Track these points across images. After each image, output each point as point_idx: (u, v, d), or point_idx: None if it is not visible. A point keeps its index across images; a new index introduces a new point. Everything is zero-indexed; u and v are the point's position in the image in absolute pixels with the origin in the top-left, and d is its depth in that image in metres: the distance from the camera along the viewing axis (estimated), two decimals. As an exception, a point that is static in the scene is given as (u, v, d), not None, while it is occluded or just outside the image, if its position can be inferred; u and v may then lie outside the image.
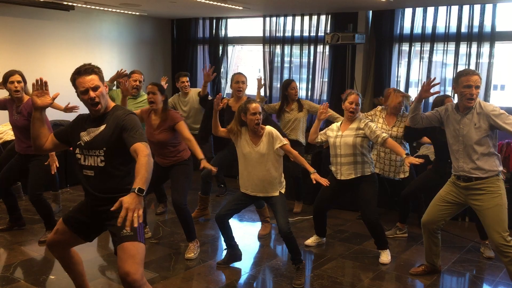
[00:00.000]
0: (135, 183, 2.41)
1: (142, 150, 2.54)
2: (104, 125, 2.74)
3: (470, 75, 3.43)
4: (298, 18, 7.10)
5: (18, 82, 4.37)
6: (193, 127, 5.76)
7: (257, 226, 5.08)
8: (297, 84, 5.91)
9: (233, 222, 4.06)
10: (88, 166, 2.76)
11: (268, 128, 3.83)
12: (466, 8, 5.92)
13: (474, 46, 5.92)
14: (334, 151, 4.25)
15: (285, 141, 3.82)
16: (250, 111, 3.75)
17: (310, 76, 7.05)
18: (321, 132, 4.37)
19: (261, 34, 7.45)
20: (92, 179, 2.76)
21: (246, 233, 4.97)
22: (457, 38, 6.02)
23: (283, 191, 3.91)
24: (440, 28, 6.15)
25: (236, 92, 4.92)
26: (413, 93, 6.45)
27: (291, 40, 7.20)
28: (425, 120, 3.78)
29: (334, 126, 4.33)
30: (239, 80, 4.93)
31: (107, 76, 3.88)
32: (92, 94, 2.69)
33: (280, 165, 3.90)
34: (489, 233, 3.52)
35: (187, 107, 6.00)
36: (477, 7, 5.84)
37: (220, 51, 7.91)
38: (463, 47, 6.01)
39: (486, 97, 5.84)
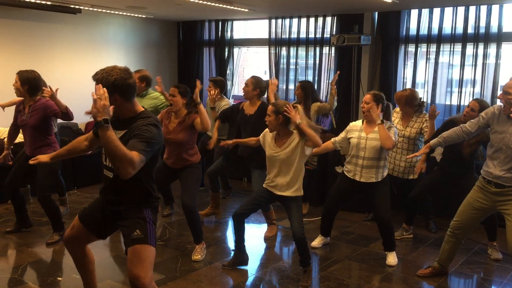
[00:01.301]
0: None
1: (133, 153, 2.45)
2: (125, 131, 2.65)
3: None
4: (303, 20, 7.10)
5: (15, 81, 4.44)
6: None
7: (263, 228, 5.08)
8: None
9: (240, 224, 4.07)
10: (109, 167, 2.75)
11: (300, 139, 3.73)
12: (472, 9, 5.90)
13: (481, 47, 5.89)
14: (356, 152, 4.16)
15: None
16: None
17: (316, 78, 7.05)
18: (338, 139, 4.32)
19: (266, 36, 7.46)
20: (110, 180, 2.76)
21: (253, 235, 4.97)
22: (464, 39, 6.00)
23: (300, 193, 3.85)
24: (447, 29, 6.13)
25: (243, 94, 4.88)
26: (420, 94, 6.42)
27: (297, 42, 7.20)
28: (470, 134, 3.69)
29: (354, 126, 4.24)
30: (245, 83, 4.88)
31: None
32: None
33: (302, 167, 3.84)
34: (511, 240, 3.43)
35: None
36: (483, 8, 5.82)
37: (226, 53, 7.93)
38: (469, 48, 5.98)
39: (493, 98, 5.81)
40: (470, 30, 5.95)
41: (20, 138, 5.32)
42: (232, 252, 4.23)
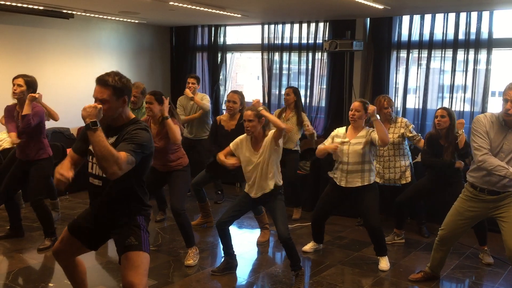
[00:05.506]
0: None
1: (121, 153, 2.47)
2: (116, 137, 2.66)
3: (509, 89, 3.25)
4: (296, 26, 7.13)
5: (19, 85, 4.42)
6: (199, 131, 5.73)
7: (256, 233, 5.08)
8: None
9: (232, 229, 4.07)
10: (96, 175, 2.73)
11: (270, 133, 3.84)
12: (463, 15, 5.94)
13: (472, 52, 5.94)
14: (341, 158, 4.21)
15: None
16: (244, 118, 3.82)
17: (309, 83, 7.07)
18: (327, 145, 4.32)
19: (259, 42, 7.47)
20: (100, 188, 2.73)
21: (245, 240, 4.97)
22: (455, 44, 6.04)
23: (280, 183, 3.90)
24: (438, 35, 6.18)
25: (228, 110, 4.97)
26: (411, 99, 6.49)
27: (290, 47, 7.22)
28: (490, 150, 3.39)
29: (338, 132, 4.30)
30: (230, 100, 4.91)
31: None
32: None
33: (278, 158, 3.91)
34: (509, 243, 3.41)
35: (188, 110, 6.03)
36: (474, 14, 5.87)
37: (219, 58, 7.93)
38: (460, 54, 6.03)
39: (484, 104, 5.86)
40: (461, 36, 6.00)
41: (9, 142, 5.30)
42: (223, 258, 4.22)
